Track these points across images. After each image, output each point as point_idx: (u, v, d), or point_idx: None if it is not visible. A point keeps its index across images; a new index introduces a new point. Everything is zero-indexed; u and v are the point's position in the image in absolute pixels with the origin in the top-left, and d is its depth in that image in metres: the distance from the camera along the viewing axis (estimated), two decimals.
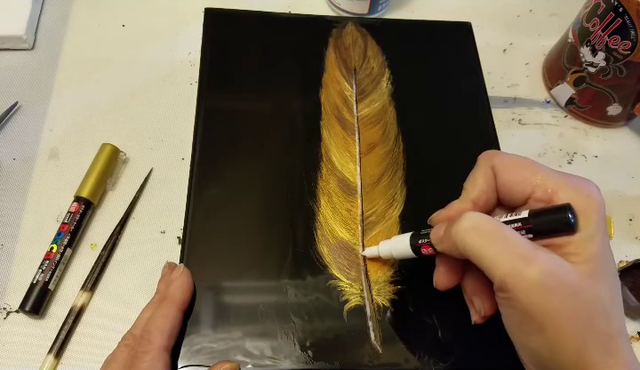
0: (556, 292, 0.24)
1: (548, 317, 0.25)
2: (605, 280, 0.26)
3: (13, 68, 0.47)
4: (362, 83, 0.46)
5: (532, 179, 0.28)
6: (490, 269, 0.26)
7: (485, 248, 0.26)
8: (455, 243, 0.27)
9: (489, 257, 0.26)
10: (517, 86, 0.52)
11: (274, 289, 0.36)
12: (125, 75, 0.48)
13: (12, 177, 0.42)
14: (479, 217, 0.27)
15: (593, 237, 0.26)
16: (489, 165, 0.30)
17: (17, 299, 0.37)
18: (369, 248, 0.37)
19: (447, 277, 0.32)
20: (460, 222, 0.27)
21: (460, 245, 0.27)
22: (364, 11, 0.53)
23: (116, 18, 0.52)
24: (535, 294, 0.24)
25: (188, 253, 0.37)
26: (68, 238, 0.38)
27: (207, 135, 0.42)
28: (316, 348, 0.34)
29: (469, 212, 0.28)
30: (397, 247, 0.34)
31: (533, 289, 0.24)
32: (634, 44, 0.42)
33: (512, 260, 0.25)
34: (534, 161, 0.29)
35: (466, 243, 0.27)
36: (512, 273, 0.25)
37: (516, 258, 0.25)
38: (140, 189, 0.42)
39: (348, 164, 0.42)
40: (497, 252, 0.25)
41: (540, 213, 0.27)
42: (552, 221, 0.26)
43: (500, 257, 0.25)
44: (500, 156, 0.30)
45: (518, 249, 0.25)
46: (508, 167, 0.29)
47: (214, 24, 0.47)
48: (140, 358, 0.30)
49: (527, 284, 0.24)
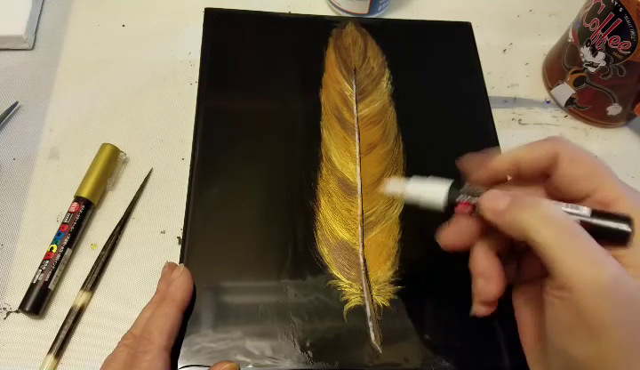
0: (621, 302, 0.23)
1: (608, 327, 0.23)
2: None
3: (13, 68, 0.47)
4: (362, 83, 0.46)
5: (597, 179, 0.27)
6: (556, 264, 0.24)
7: (559, 243, 0.24)
8: (523, 228, 0.25)
9: (560, 253, 0.24)
10: (517, 86, 0.52)
11: (274, 289, 0.36)
12: (125, 75, 0.48)
13: (12, 177, 0.42)
14: (555, 209, 0.26)
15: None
16: (554, 149, 0.28)
17: (17, 299, 0.36)
18: (393, 182, 0.31)
19: (458, 238, 0.30)
20: (536, 209, 0.25)
21: (530, 233, 0.25)
22: (364, 11, 0.53)
23: (116, 18, 0.52)
24: (602, 301, 0.23)
25: (188, 253, 0.37)
26: (68, 238, 0.38)
27: (207, 135, 0.42)
28: (316, 348, 0.34)
29: (543, 200, 0.26)
30: (428, 195, 0.30)
31: (601, 295, 0.23)
32: (634, 44, 0.42)
33: (584, 260, 0.24)
34: (602, 162, 0.28)
35: (539, 233, 0.25)
36: (582, 274, 0.23)
37: (589, 260, 0.24)
38: (140, 189, 0.42)
39: (348, 164, 0.42)
40: (569, 250, 0.24)
41: (602, 214, 0.26)
42: (611, 227, 0.25)
43: (573, 255, 0.24)
44: (569, 146, 0.28)
45: (592, 251, 0.24)
46: (577, 159, 0.28)
47: (214, 24, 0.47)
48: (140, 358, 0.30)
49: (596, 288, 0.23)
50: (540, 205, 0.26)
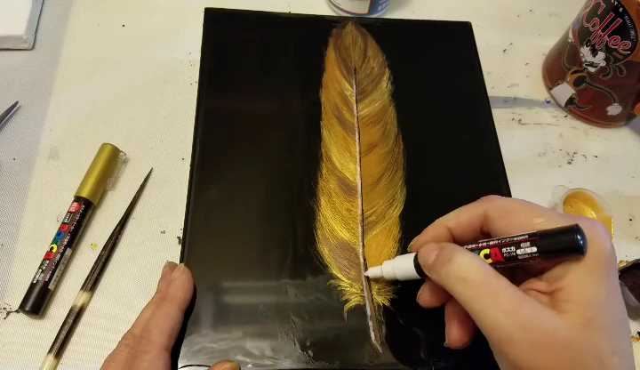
0: (540, 347, 0.24)
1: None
2: (605, 330, 0.24)
3: (13, 68, 0.47)
4: (362, 83, 0.46)
5: (532, 222, 0.27)
6: (476, 319, 0.26)
7: (472, 301, 0.26)
8: (444, 284, 0.27)
9: (476, 309, 0.26)
10: (517, 86, 0.52)
11: (274, 289, 0.36)
12: (125, 75, 0.48)
13: (12, 177, 0.42)
14: (468, 264, 0.26)
15: (590, 283, 0.25)
16: (483, 209, 0.30)
17: (17, 299, 0.36)
18: (371, 269, 0.36)
19: (432, 297, 0.32)
20: (450, 267, 0.27)
21: (447, 288, 0.27)
22: (364, 11, 0.53)
23: (116, 18, 0.52)
24: (518, 350, 0.24)
25: (188, 253, 0.37)
26: (68, 238, 0.38)
27: (207, 135, 0.42)
28: (316, 348, 0.34)
29: (460, 252, 0.27)
30: (400, 267, 0.33)
31: (516, 344, 0.24)
32: (634, 44, 0.42)
33: (497, 315, 0.25)
34: (535, 205, 0.28)
35: (453, 290, 0.27)
36: (496, 327, 0.25)
37: (501, 313, 0.25)
38: (139, 189, 0.42)
39: (349, 164, 0.42)
40: (483, 306, 0.25)
41: (550, 234, 0.26)
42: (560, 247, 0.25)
43: (487, 311, 0.25)
44: (495, 203, 0.29)
45: (505, 303, 0.25)
46: (505, 213, 0.28)
47: (214, 24, 0.47)
48: (140, 358, 0.30)
49: (510, 338, 0.24)
50: (454, 261, 0.27)
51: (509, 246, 0.27)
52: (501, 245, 0.27)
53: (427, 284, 0.32)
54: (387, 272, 0.34)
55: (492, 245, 0.28)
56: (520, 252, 0.26)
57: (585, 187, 0.43)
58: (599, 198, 0.43)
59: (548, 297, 0.26)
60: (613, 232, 0.42)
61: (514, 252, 0.27)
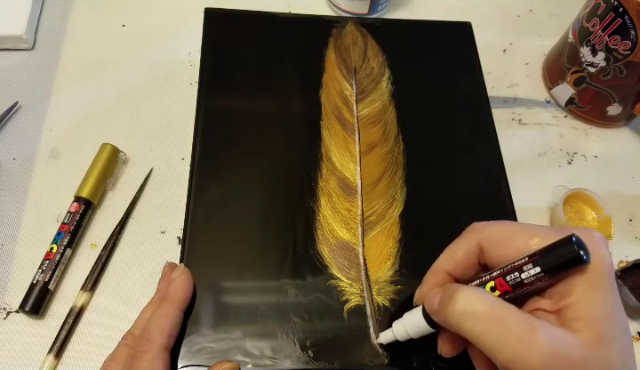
0: None
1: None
2: (615, 343, 0.24)
3: (13, 68, 0.47)
4: (362, 83, 0.46)
5: (528, 245, 0.26)
6: (491, 355, 0.25)
7: (483, 335, 0.25)
8: (452, 326, 0.26)
9: (489, 344, 0.24)
10: (517, 86, 0.52)
11: (274, 289, 0.36)
12: (125, 75, 0.48)
13: (12, 177, 0.42)
14: (472, 298, 0.26)
15: (597, 298, 0.24)
16: (475, 242, 0.29)
17: (17, 299, 0.36)
18: (383, 333, 0.33)
19: (450, 345, 0.30)
20: (455, 305, 0.26)
21: (457, 329, 0.26)
22: (364, 11, 0.53)
23: (116, 18, 0.52)
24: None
25: (188, 253, 0.37)
26: (68, 238, 0.38)
27: (207, 135, 0.42)
28: (316, 348, 0.34)
29: (462, 288, 0.26)
30: (411, 322, 0.31)
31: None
32: (634, 44, 0.42)
33: (512, 345, 0.24)
34: (526, 224, 0.28)
35: (462, 329, 0.25)
36: (514, 359, 0.24)
37: (516, 343, 0.24)
38: (139, 189, 0.42)
39: (349, 164, 0.42)
40: (496, 338, 0.24)
41: (548, 250, 0.25)
42: (561, 262, 0.25)
43: (500, 344, 0.24)
44: (488, 231, 0.28)
45: (517, 332, 0.24)
46: (498, 242, 0.28)
47: (214, 24, 0.47)
48: (140, 358, 0.30)
49: (529, 367, 0.23)
50: (457, 298, 0.26)
51: (512, 273, 0.26)
52: (504, 273, 0.27)
53: (442, 333, 0.31)
54: (398, 332, 0.32)
55: (496, 276, 0.27)
56: (525, 275, 0.26)
57: (585, 187, 0.43)
58: (599, 198, 0.43)
59: (555, 316, 0.26)
60: (613, 232, 0.42)
61: (518, 277, 0.26)
